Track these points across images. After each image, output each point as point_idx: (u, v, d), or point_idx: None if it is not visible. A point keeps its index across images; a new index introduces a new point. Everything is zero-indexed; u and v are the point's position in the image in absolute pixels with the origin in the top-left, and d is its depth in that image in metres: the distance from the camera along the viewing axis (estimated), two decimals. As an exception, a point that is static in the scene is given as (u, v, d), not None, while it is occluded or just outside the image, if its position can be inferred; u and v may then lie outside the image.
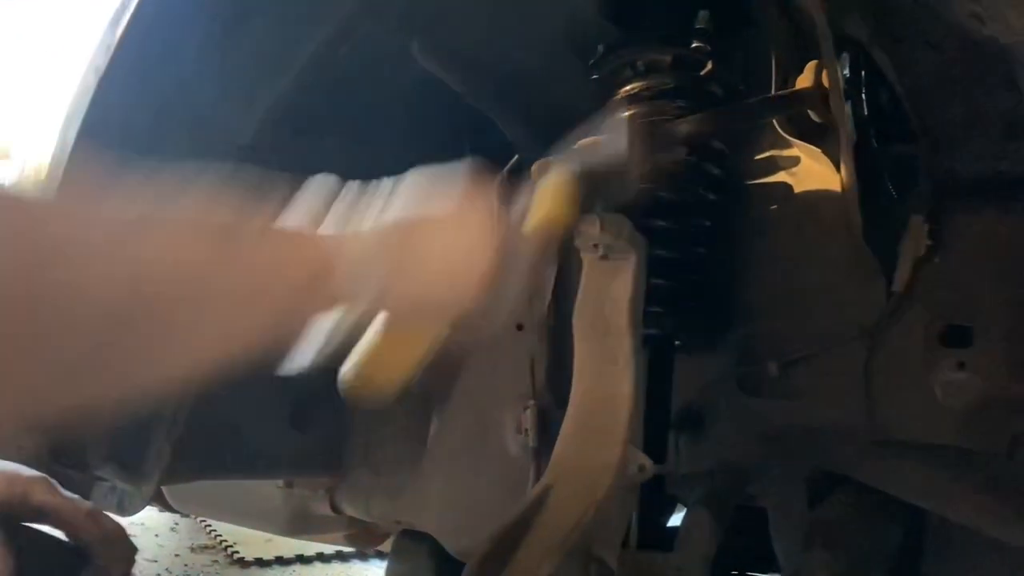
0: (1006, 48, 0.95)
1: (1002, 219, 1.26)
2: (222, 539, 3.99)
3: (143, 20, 1.38)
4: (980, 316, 1.27)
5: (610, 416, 1.26)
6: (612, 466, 1.21)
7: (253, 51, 1.54)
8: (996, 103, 1.04)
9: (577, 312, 1.33)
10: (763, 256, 1.49)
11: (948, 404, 1.28)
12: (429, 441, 1.93)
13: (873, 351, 1.35)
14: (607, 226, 1.26)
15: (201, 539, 4.11)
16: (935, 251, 1.30)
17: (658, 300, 1.38)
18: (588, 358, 1.32)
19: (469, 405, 1.87)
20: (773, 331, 1.46)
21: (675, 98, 1.44)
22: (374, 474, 2.00)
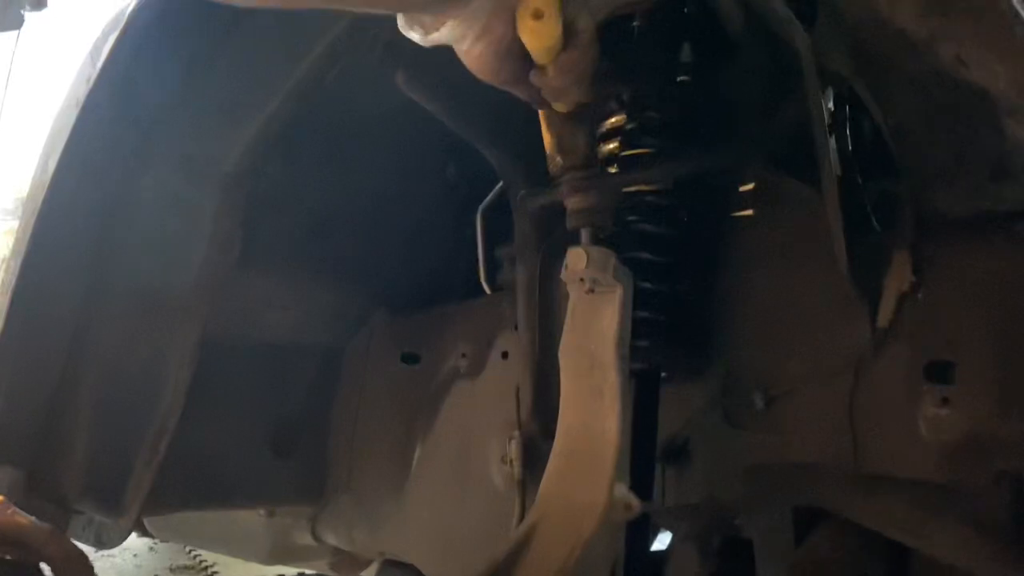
0: (990, 92, 0.95)
1: (985, 256, 1.27)
2: (202, 560, 3.94)
3: (124, 50, 1.37)
4: (963, 352, 1.27)
5: (596, 452, 1.25)
6: (599, 504, 1.20)
7: (237, 78, 1.54)
8: (980, 144, 1.05)
9: (563, 346, 1.33)
10: (748, 289, 1.50)
11: (932, 439, 1.28)
12: (413, 470, 1.92)
13: (857, 386, 1.35)
14: (594, 260, 1.26)
15: (181, 560, 4.05)
16: (919, 287, 1.31)
17: (644, 333, 1.38)
18: (574, 393, 1.31)
19: (454, 434, 1.86)
20: (758, 364, 1.46)
21: (660, 131, 1.44)
22: (357, 503, 1.99)
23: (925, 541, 1.24)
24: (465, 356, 1.90)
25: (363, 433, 2.00)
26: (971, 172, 1.11)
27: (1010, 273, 1.24)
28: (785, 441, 1.41)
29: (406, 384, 1.98)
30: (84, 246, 1.51)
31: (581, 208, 1.34)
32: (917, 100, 1.11)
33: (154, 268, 1.60)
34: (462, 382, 1.88)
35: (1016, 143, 0.98)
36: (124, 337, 1.58)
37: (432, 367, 1.95)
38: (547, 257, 1.70)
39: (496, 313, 1.85)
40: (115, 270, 1.56)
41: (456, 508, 1.81)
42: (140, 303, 1.59)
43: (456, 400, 1.88)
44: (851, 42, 1.20)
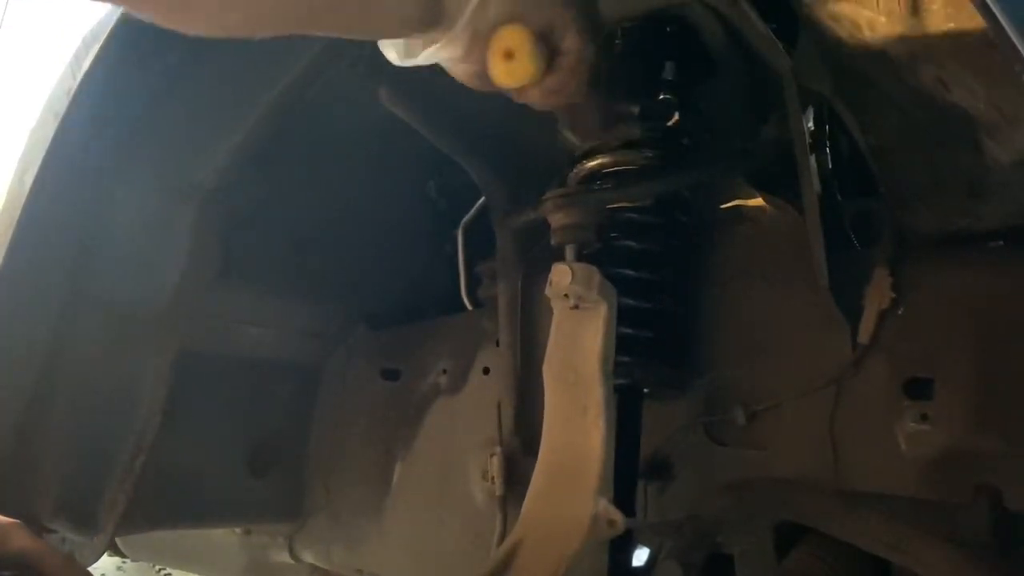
0: (970, 112, 0.97)
1: (963, 273, 1.29)
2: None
3: (105, 63, 1.35)
4: (942, 368, 1.29)
5: (580, 469, 1.25)
6: (583, 521, 1.20)
7: (217, 93, 1.52)
8: (959, 163, 1.07)
9: (547, 362, 1.33)
10: (730, 306, 1.51)
11: (911, 455, 1.30)
12: (392, 487, 1.90)
13: (838, 402, 1.37)
14: (578, 276, 1.26)
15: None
16: (899, 304, 1.32)
17: (627, 349, 1.38)
18: (558, 409, 1.31)
19: (434, 451, 1.85)
20: (740, 380, 1.47)
21: (642, 148, 1.44)
22: (335, 521, 1.96)
23: (905, 556, 1.25)
24: (446, 372, 1.89)
25: (342, 450, 1.98)
26: (949, 191, 1.13)
27: (988, 289, 1.26)
28: (766, 457, 1.42)
29: (386, 401, 1.96)
30: (60, 261, 1.48)
31: (565, 225, 1.34)
32: (897, 120, 1.12)
33: (131, 284, 1.58)
34: (442, 398, 1.87)
35: (994, 162, 1.00)
36: (99, 354, 1.56)
37: (412, 383, 1.94)
38: (528, 273, 1.70)
39: (477, 329, 1.85)
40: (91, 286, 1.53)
41: (436, 526, 1.80)
42: (116, 319, 1.57)
43: (436, 417, 1.87)
44: (832, 62, 1.22)
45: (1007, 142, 0.95)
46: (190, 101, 1.53)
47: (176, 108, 1.53)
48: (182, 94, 1.51)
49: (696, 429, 1.49)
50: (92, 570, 3.38)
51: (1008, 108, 0.91)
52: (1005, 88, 0.89)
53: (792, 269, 1.43)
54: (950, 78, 0.95)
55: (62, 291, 1.50)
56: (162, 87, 1.49)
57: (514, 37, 0.92)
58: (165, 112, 1.52)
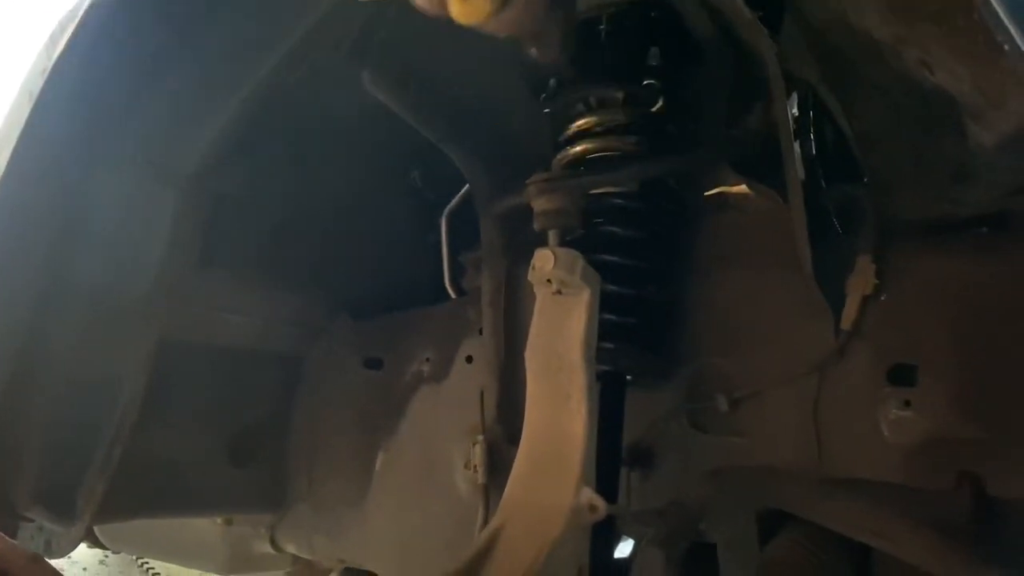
0: (954, 95, 0.96)
1: (947, 259, 1.29)
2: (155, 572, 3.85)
3: (82, 43, 1.33)
4: (925, 354, 1.29)
5: (562, 455, 1.24)
6: (565, 507, 1.19)
7: (199, 77, 1.50)
8: (943, 148, 1.06)
9: (530, 348, 1.32)
10: (713, 293, 1.50)
11: (894, 441, 1.30)
12: (375, 477, 1.89)
13: (821, 388, 1.36)
14: (561, 261, 1.25)
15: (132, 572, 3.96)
16: (882, 290, 1.32)
17: (610, 336, 1.37)
18: (540, 395, 1.30)
19: (417, 440, 1.84)
20: (723, 367, 1.46)
21: (626, 133, 1.44)
22: (317, 511, 1.95)
23: (888, 542, 1.25)
24: (429, 361, 1.88)
25: (324, 440, 1.97)
26: (933, 176, 1.12)
27: (971, 276, 1.26)
28: (749, 444, 1.41)
29: (369, 390, 1.95)
30: (38, 247, 1.46)
31: (548, 209, 1.33)
32: (881, 105, 1.12)
33: (111, 270, 1.56)
34: (426, 387, 1.86)
35: (978, 146, 0.99)
36: (78, 341, 1.53)
37: (395, 372, 1.93)
38: (513, 261, 1.70)
39: (460, 318, 1.84)
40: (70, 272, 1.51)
41: (419, 515, 1.79)
42: (96, 306, 1.55)
43: (419, 405, 1.86)
44: (816, 47, 1.22)
45: (991, 125, 0.95)
46: (170, 85, 1.51)
47: (156, 91, 1.51)
48: (162, 77, 1.49)
49: (679, 416, 1.49)
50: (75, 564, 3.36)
51: (992, 91, 0.91)
52: (989, 70, 0.89)
53: (776, 256, 1.43)
54: (934, 61, 0.94)
55: (41, 277, 1.48)
56: (141, 70, 1.47)
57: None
58: (145, 95, 1.49)
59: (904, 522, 1.26)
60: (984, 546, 1.24)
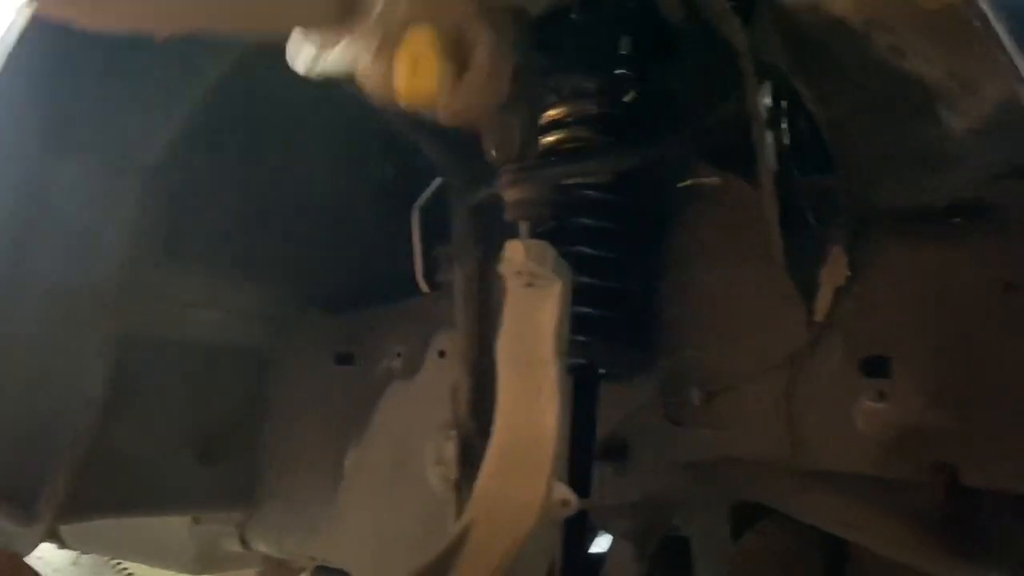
0: (925, 81, 0.95)
1: (921, 250, 1.28)
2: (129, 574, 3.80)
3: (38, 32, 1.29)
4: (899, 346, 1.28)
5: (534, 449, 1.23)
6: (536, 502, 1.17)
7: (162, 66, 1.47)
8: (916, 136, 1.05)
9: (501, 341, 1.30)
10: (687, 285, 1.49)
11: (868, 433, 1.29)
12: (346, 473, 1.86)
13: (794, 381, 1.35)
14: (532, 253, 1.23)
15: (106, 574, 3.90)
16: (855, 281, 1.31)
17: (583, 329, 1.36)
18: (511, 388, 1.28)
19: (388, 436, 1.81)
20: (697, 360, 1.45)
21: (599, 123, 1.42)
22: (287, 508, 1.92)
23: (862, 535, 1.24)
24: (400, 356, 1.85)
25: (294, 436, 1.94)
26: (906, 165, 1.11)
27: (945, 267, 1.26)
28: (723, 437, 1.40)
29: (339, 385, 1.92)
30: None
31: (519, 200, 1.31)
32: (854, 93, 1.11)
33: (71, 263, 1.53)
34: (397, 383, 1.84)
35: (951, 134, 0.98)
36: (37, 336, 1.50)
37: (366, 368, 1.90)
38: (486, 254, 1.67)
39: (433, 312, 1.81)
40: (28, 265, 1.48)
41: (391, 512, 1.77)
42: (55, 300, 1.51)
43: (391, 401, 1.84)
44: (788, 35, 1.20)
45: (963, 111, 0.94)
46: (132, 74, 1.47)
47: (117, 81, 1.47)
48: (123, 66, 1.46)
49: (653, 410, 1.47)
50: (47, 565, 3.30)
51: (964, 75, 0.90)
52: (961, 55, 0.88)
53: (749, 247, 1.42)
54: (905, 46, 0.93)
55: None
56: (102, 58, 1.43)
57: (421, 41, 0.88)
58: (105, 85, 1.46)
59: (878, 514, 1.26)
60: (958, 537, 1.24)
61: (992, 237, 1.24)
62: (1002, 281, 1.20)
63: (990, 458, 1.19)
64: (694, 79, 1.44)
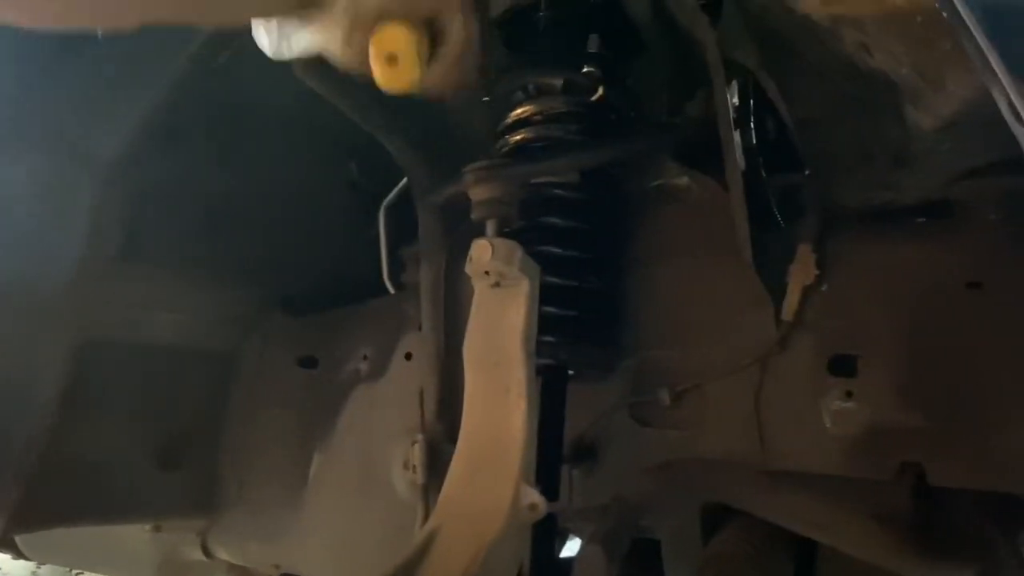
0: (892, 78, 0.95)
1: (887, 248, 1.28)
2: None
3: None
4: (866, 345, 1.28)
5: (501, 451, 1.20)
6: (503, 506, 1.15)
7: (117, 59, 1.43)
8: (883, 133, 1.05)
9: (468, 341, 1.28)
10: (656, 284, 1.48)
11: (836, 433, 1.29)
12: (311, 479, 1.83)
13: (763, 380, 1.35)
14: (499, 252, 1.21)
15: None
16: (823, 280, 1.31)
17: (551, 329, 1.34)
18: (479, 390, 1.26)
19: (354, 440, 1.78)
20: (665, 360, 1.44)
21: (566, 121, 1.41)
22: (250, 515, 1.88)
23: (830, 535, 1.24)
24: (367, 358, 1.83)
25: (258, 441, 1.90)
26: (874, 161, 1.11)
27: (911, 266, 1.26)
28: (692, 437, 1.39)
29: (303, 389, 1.89)
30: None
31: (485, 199, 1.29)
32: (821, 90, 1.10)
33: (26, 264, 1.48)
34: (363, 386, 1.81)
35: (917, 131, 0.98)
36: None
37: (331, 371, 1.87)
38: (453, 254, 1.65)
39: (399, 313, 1.79)
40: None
41: (356, 517, 1.73)
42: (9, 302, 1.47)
43: (357, 405, 1.81)
44: (756, 33, 1.20)
45: (929, 108, 0.94)
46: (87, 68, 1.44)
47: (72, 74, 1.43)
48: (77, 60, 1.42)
49: (622, 410, 1.46)
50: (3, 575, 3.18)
51: (930, 72, 0.89)
52: (927, 51, 0.88)
53: (718, 247, 1.41)
54: (872, 43, 0.92)
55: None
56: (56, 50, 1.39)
57: (397, 39, 0.87)
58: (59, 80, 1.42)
59: (845, 514, 1.25)
60: (927, 536, 1.24)
61: (957, 236, 1.25)
62: (966, 280, 1.20)
63: (956, 457, 1.19)
64: (662, 78, 1.43)
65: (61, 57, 1.37)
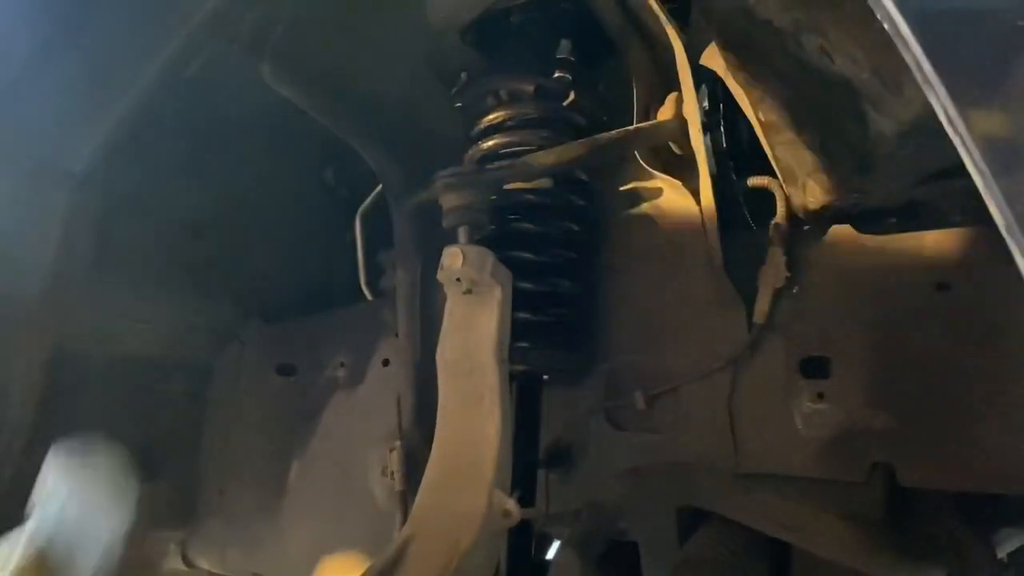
0: (853, 83, 0.96)
1: (857, 251, 1.29)
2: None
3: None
4: (837, 346, 1.29)
5: (475, 458, 1.21)
6: (477, 513, 1.15)
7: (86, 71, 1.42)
8: (846, 137, 1.06)
9: (441, 349, 1.28)
10: (627, 289, 1.48)
11: (808, 435, 1.29)
12: (289, 487, 1.83)
13: (735, 383, 1.35)
14: (470, 259, 1.21)
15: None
16: (793, 282, 1.32)
17: (524, 335, 1.34)
18: (452, 398, 1.26)
19: (332, 447, 1.78)
20: (639, 364, 1.44)
21: (538, 127, 1.41)
22: (229, 524, 1.88)
23: (803, 537, 1.24)
24: (344, 365, 1.82)
25: (236, 450, 1.90)
26: (838, 166, 1.12)
27: (881, 267, 1.26)
28: (666, 441, 1.39)
29: (281, 397, 1.89)
30: (-86, 253, 1.37)
31: (457, 206, 1.30)
32: (786, 94, 1.11)
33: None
34: (341, 393, 1.81)
35: (879, 135, 0.99)
36: (-39, 351, 1.44)
37: (308, 378, 1.87)
38: (428, 260, 1.65)
39: (376, 320, 1.78)
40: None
41: (335, 524, 1.73)
42: (-22, 316, 1.46)
43: (334, 412, 1.80)
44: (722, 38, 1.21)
45: (890, 112, 0.95)
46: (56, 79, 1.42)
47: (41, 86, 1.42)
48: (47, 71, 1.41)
49: (597, 415, 1.46)
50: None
51: (890, 76, 0.90)
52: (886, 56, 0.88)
53: (689, 250, 1.41)
54: (833, 47, 0.93)
55: (-83, 286, 1.39)
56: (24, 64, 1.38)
57: None
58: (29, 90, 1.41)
59: (817, 515, 1.26)
60: (900, 537, 1.24)
61: (925, 238, 1.26)
62: (935, 281, 1.21)
63: (926, 458, 1.20)
64: (632, 82, 1.43)
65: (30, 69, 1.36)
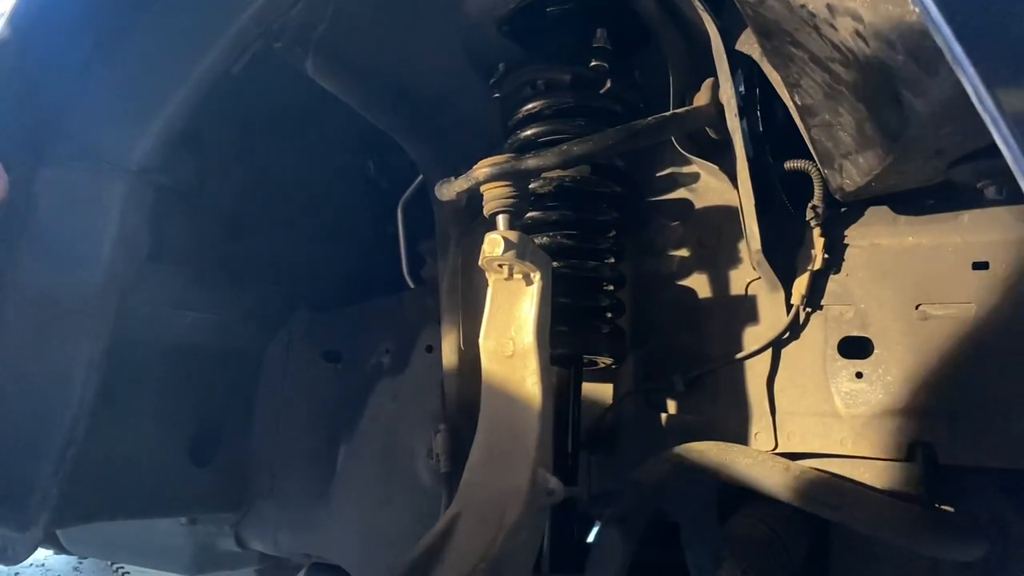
0: (888, 64, 0.96)
1: (895, 231, 1.30)
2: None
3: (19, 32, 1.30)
4: (876, 327, 1.30)
5: (519, 439, 1.24)
6: (521, 491, 1.19)
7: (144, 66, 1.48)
8: (881, 119, 1.06)
9: (483, 334, 1.31)
10: (667, 272, 1.50)
11: (847, 414, 1.31)
12: (337, 470, 1.88)
13: (774, 364, 1.37)
14: (511, 245, 1.24)
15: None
16: (831, 263, 1.33)
17: (565, 319, 1.37)
18: (495, 381, 1.30)
19: (379, 432, 1.83)
20: (678, 346, 1.46)
21: (575, 115, 1.43)
22: (281, 507, 1.94)
23: (843, 514, 1.26)
24: (389, 352, 1.87)
25: (285, 435, 1.96)
26: (873, 147, 1.13)
27: (919, 247, 1.27)
28: (706, 422, 1.42)
29: (328, 383, 1.94)
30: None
31: (496, 194, 1.32)
32: (821, 78, 1.12)
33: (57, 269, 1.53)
34: (386, 379, 1.85)
35: (914, 116, 1.00)
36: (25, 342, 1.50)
37: (355, 365, 1.92)
38: (469, 247, 1.68)
39: (420, 307, 1.83)
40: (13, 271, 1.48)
41: (382, 506, 1.78)
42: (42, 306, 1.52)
43: (380, 397, 1.85)
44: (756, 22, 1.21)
45: (925, 93, 0.95)
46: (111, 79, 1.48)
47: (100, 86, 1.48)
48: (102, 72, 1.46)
49: (636, 397, 1.49)
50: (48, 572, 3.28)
51: (925, 58, 0.91)
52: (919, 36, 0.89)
53: (727, 234, 1.43)
54: (867, 31, 0.94)
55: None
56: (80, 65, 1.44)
57: None
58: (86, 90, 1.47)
59: (859, 493, 1.27)
60: (937, 514, 1.25)
61: (962, 217, 1.26)
62: (973, 260, 1.22)
63: (966, 436, 1.21)
64: (668, 69, 1.45)
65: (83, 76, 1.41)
